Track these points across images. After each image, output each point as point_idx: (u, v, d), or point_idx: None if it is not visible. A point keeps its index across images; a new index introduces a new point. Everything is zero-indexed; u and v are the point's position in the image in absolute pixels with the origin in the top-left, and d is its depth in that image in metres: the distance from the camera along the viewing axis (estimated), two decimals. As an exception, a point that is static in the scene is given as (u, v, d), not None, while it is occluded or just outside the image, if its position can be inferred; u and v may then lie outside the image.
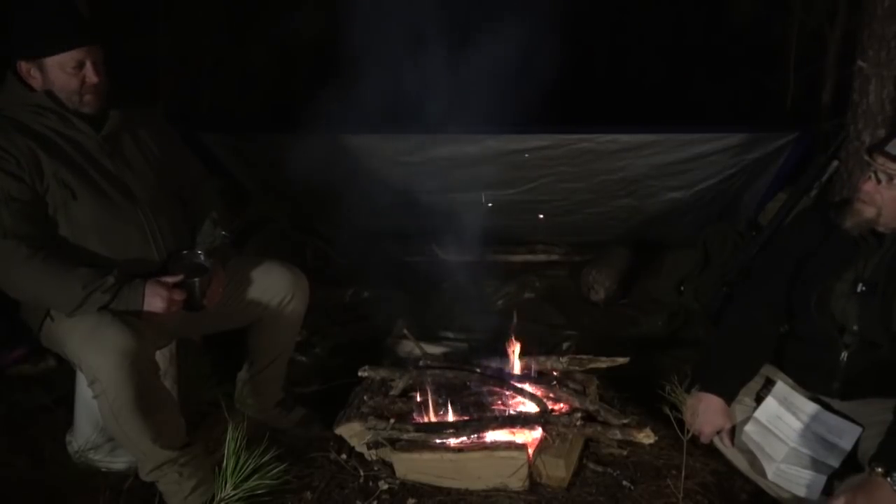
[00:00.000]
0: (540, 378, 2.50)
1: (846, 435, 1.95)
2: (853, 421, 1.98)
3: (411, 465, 2.19)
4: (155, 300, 1.96)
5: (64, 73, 1.93)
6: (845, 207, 1.99)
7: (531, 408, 2.35)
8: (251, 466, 1.86)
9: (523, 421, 2.27)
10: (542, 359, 2.56)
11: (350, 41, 3.01)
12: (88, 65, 1.94)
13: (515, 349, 2.54)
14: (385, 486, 2.17)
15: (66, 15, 1.96)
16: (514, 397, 2.41)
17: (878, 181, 1.88)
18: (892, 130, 2.03)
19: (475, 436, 2.21)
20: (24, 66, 1.94)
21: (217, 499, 1.87)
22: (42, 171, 1.92)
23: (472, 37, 3.00)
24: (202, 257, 2.12)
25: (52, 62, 1.92)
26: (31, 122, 1.95)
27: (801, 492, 1.92)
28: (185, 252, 2.13)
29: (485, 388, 2.45)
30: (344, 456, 2.31)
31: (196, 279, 2.06)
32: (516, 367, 2.54)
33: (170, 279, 2.02)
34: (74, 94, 1.96)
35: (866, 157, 1.93)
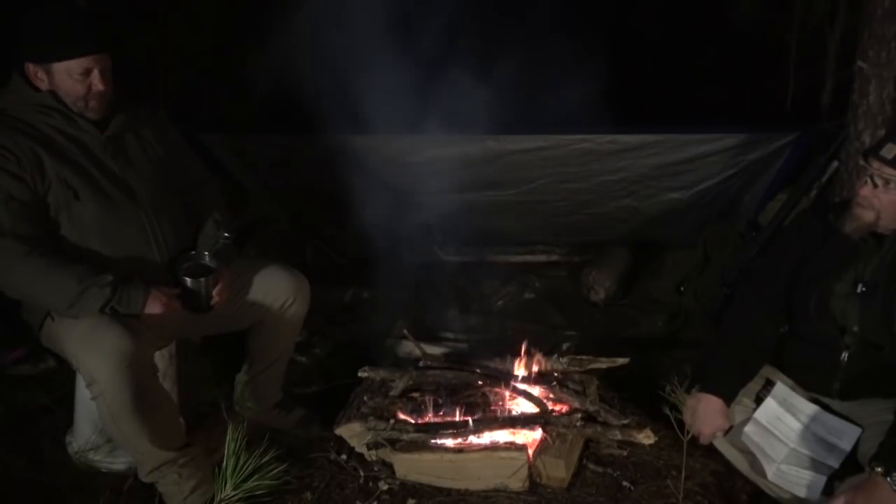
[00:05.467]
0: (540, 378, 2.50)
1: (846, 436, 1.95)
2: (853, 422, 1.98)
3: (411, 466, 2.19)
4: (155, 306, 1.96)
5: (70, 78, 1.93)
6: (844, 212, 1.98)
7: (531, 408, 2.35)
8: (251, 467, 1.86)
9: (523, 421, 2.27)
10: (542, 359, 2.56)
11: (350, 41, 3.01)
12: (96, 72, 1.94)
13: (519, 351, 2.55)
14: (385, 487, 2.18)
15: (78, 22, 1.96)
16: (514, 398, 2.41)
17: (875, 185, 1.88)
18: (885, 134, 2.02)
19: (475, 436, 2.22)
20: (31, 67, 1.95)
21: (217, 499, 1.87)
22: (44, 172, 1.92)
23: (472, 37, 3.00)
24: (207, 258, 2.12)
25: (59, 67, 1.92)
26: (36, 121, 1.95)
27: (801, 492, 1.93)
28: (191, 253, 2.13)
29: (485, 389, 2.45)
30: (344, 456, 2.31)
31: (202, 280, 2.06)
32: (516, 367, 2.54)
33: (172, 291, 2.02)
34: (80, 99, 1.96)
35: (862, 162, 1.93)
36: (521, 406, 2.39)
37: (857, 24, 2.87)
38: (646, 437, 2.20)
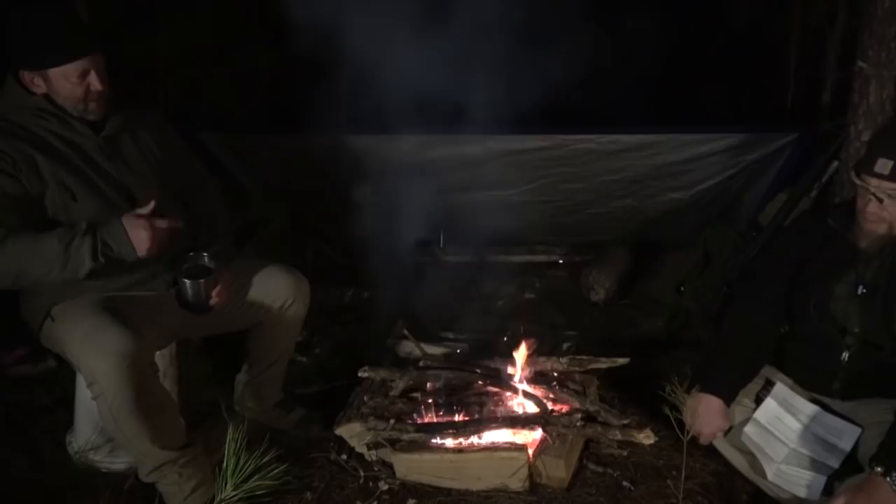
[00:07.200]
0: (540, 378, 2.50)
1: (846, 436, 1.95)
2: (852, 422, 1.98)
3: (411, 466, 2.19)
4: (138, 232, 1.88)
5: (68, 82, 1.92)
6: (853, 225, 1.97)
7: (531, 408, 2.35)
8: (251, 467, 1.86)
9: (524, 421, 2.27)
10: (542, 359, 2.56)
11: (350, 41, 3.01)
12: (92, 73, 1.93)
13: (518, 351, 2.55)
14: (385, 487, 2.18)
15: (68, 25, 1.94)
16: (514, 398, 2.41)
17: (880, 200, 1.87)
18: (869, 149, 1.99)
19: (475, 436, 2.22)
20: (26, 75, 1.93)
21: (217, 499, 1.87)
22: (40, 175, 1.91)
23: (473, 37, 3.00)
24: (207, 259, 2.11)
25: (56, 73, 1.91)
26: (31, 124, 1.94)
27: (801, 492, 1.93)
28: (190, 254, 2.12)
29: (485, 389, 2.45)
30: (344, 456, 2.32)
31: (201, 280, 2.06)
32: (516, 367, 2.54)
33: (143, 210, 1.92)
34: (79, 102, 1.95)
35: (857, 181, 1.91)
36: (522, 406, 2.39)
37: (857, 24, 2.86)
38: (646, 437, 2.20)
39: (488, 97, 2.98)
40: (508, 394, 2.42)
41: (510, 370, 2.54)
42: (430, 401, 2.38)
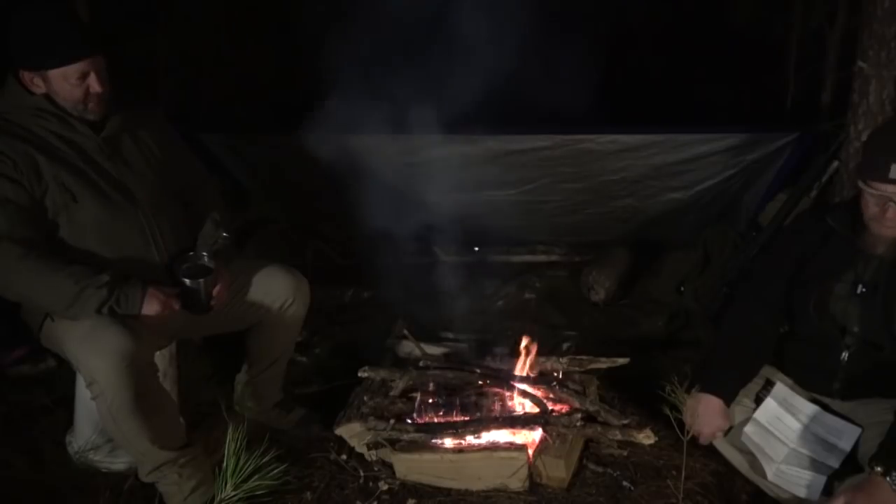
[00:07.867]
0: (540, 378, 2.50)
1: (845, 436, 1.95)
2: (852, 422, 1.98)
3: (411, 466, 2.19)
4: (153, 305, 1.95)
5: (68, 83, 1.92)
6: (865, 235, 1.94)
7: (531, 408, 2.35)
8: (251, 467, 1.86)
9: (523, 421, 2.27)
10: (542, 359, 2.56)
11: (350, 41, 3.01)
12: (92, 75, 1.93)
13: (522, 350, 2.55)
14: (385, 487, 2.18)
15: (68, 26, 1.94)
16: (514, 398, 2.41)
17: None
18: (877, 154, 1.93)
19: (475, 436, 2.22)
20: (26, 75, 1.93)
21: (217, 499, 1.86)
22: (40, 175, 1.91)
23: (473, 37, 3.00)
24: (206, 259, 2.11)
25: (55, 74, 1.91)
26: (31, 125, 1.94)
27: (801, 492, 1.93)
28: (189, 254, 2.13)
29: (485, 389, 2.45)
30: (344, 456, 2.32)
31: (201, 280, 2.06)
32: (516, 367, 2.54)
33: (170, 290, 2.01)
34: (79, 103, 1.95)
35: (868, 189, 1.85)
36: (521, 406, 2.39)
37: (857, 24, 2.86)
38: (646, 437, 2.20)
39: (488, 97, 2.98)
40: (508, 394, 2.42)
41: (510, 370, 2.54)
42: (430, 401, 2.38)
